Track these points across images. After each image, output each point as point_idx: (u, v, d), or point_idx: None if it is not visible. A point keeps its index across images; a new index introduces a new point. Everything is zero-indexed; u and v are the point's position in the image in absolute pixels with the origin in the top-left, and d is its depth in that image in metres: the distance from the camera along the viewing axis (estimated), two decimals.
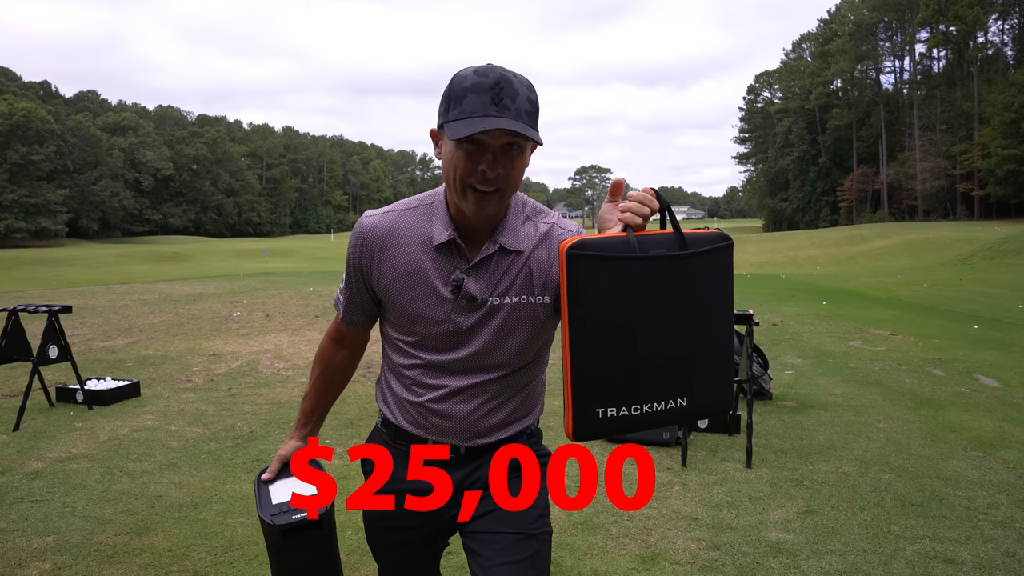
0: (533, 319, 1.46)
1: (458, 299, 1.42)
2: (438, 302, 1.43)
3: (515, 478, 1.55)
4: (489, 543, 1.48)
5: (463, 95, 1.29)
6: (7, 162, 64.91)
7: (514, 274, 1.44)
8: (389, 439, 1.57)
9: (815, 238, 48.30)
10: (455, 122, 1.28)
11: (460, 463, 1.52)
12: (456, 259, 1.42)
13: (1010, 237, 29.19)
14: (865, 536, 3.41)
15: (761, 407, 5.83)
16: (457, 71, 1.34)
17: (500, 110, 1.27)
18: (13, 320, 5.54)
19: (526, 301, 1.44)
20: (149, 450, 4.79)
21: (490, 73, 1.29)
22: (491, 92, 1.28)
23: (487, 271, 1.43)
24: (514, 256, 1.44)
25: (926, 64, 72.96)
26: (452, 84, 1.32)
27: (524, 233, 1.45)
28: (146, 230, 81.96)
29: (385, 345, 1.58)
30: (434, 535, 1.61)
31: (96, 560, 3.17)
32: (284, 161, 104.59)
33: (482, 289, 1.42)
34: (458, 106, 1.29)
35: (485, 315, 1.44)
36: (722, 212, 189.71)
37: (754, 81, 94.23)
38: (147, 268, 35.96)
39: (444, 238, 1.41)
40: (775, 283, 21.04)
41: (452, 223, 1.42)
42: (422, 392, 1.49)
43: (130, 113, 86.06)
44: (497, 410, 1.50)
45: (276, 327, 11.18)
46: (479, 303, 1.43)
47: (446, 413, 1.48)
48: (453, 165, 1.33)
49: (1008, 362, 7.84)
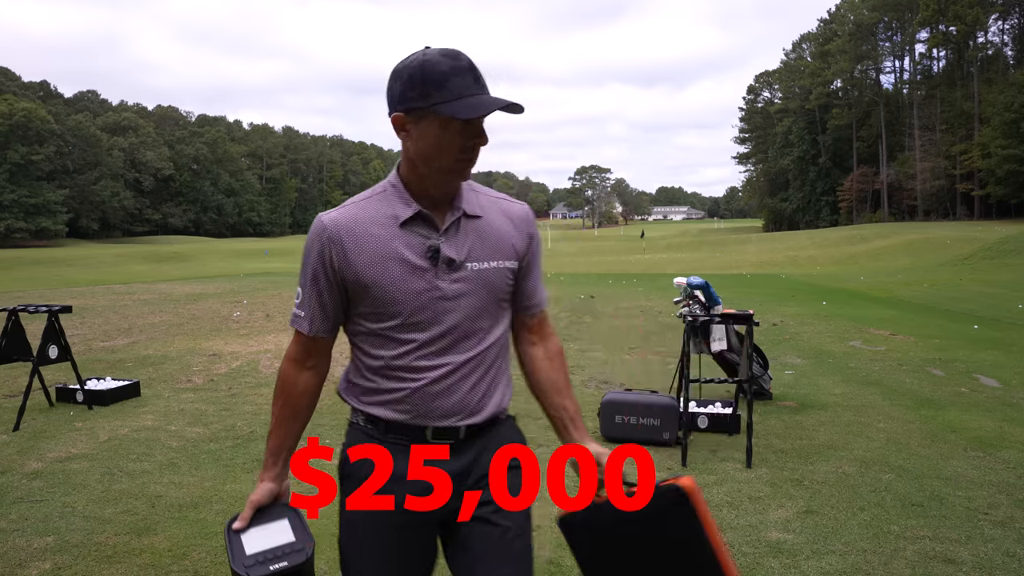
0: (503, 282, 1.53)
1: (438, 265, 1.45)
2: (419, 273, 1.45)
3: (515, 477, 1.56)
4: (490, 539, 1.48)
5: (443, 78, 1.36)
6: (7, 162, 64.90)
7: (479, 238, 1.51)
8: (380, 434, 1.52)
9: (815, 238, 48.30)
10: (450, 103, 1.35)
11: (460, 451, 1.51)
12: (426, 229, 1.46)
13: (1010, 237, 29.18)
14: (865, 536, 3.41)
15: (761, 407, 5.83)
16: (405, 61, 1.41)
17: (482, 88, 1.39)
18: (13, 320, 5.54)
19: (497, 265, 1.51)
20: (149, 450, 4.79)
21: (457, 56, 1.39)
22: (470, 73, 1.38)
23: (456, 235, 1.48)
24: (475, 221, 1.51)
25: (926, 64, 72.96)
26: (423, 69, 1.37)
27: (477, 202, 1.53)
28: (146, 230, 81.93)
29: (363, 344, 1.53)
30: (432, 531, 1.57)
31: (96, 560, 3.17)
32: (284, 161, 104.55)
33: (457, 251, 1.47)
34: (442, 88, 1.36)
35: (465, 279, 1.48)
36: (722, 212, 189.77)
37: (754, 81, 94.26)
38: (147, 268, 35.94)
39: (409, 213, 1.45)
40: (775, 283, 21.04)
41: (413, 200, 1.47)
42: (418, 377, 1.47)
43: (130, 113, 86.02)
44: (487, 384, 1.53)
45: (276, 327, 11.18)
46: (458, 265, 1.47)
47: (447, 390, 1.48)
48: (443, 144, 1.39)
49: (1008, 362, 7.84)
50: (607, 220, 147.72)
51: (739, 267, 31.82)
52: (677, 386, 5.32)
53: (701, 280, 5.92)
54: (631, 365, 7.89)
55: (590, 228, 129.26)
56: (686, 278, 6.09)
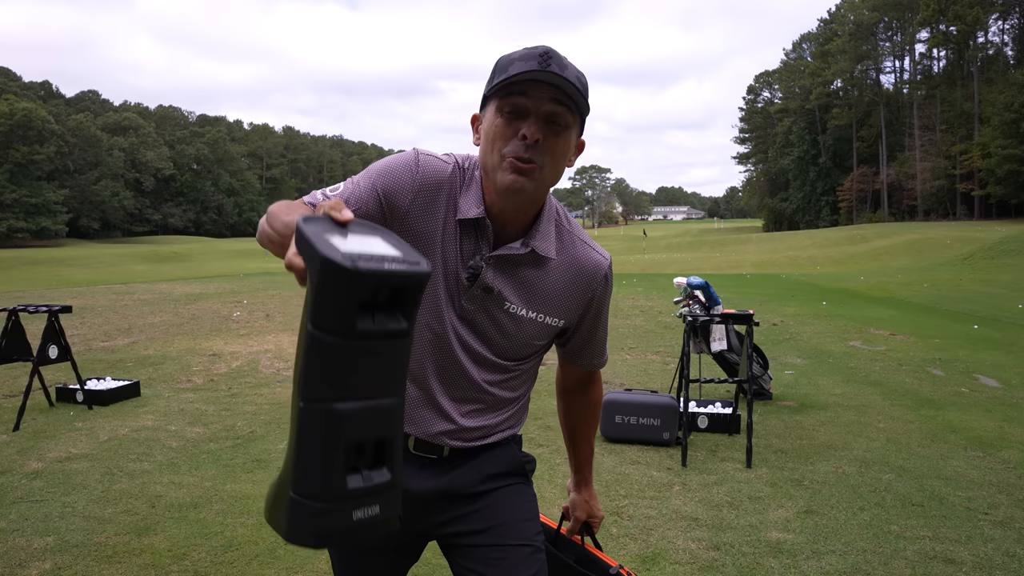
0: (540, 335, 1.38)
1: (473, 287, 1.29)
2: (451, 281, 1.30)
3: (508, 486, 1.45)
4: (496, 562, 1.37)
5: (509, 63, 1.22)
6: (7, 162, 64.91)
7: (535, 285, 1.33)
8: None
9: (815, 238, 48.30)
10: (500, 82, 1.20)
11: (441, 466, 1.40)
12: (479, 242, 1.29)
13: (1010, 237, 29.17)
14: (865, 536, 3.41)
15: (761, 407, 5.83)
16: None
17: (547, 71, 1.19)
18: (13, 320, 5.54)
19: (541, 320, 1.35)
20: (149, 450, 4.79)
21: (536, 46, 1.23)
22: (539, 58, 1.20)
23: (509, 271, 1.31)
24: (541, 264, 1.33)
25: (926, 64, 72.99)
26: (498, 61, 1.25)
27: (556, 241, 1.34)
28: (146, 230, 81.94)
29: None
30: (409, 543, 1.47)
31: (96, 560, 3.17)
32: (284, 161, 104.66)
33: (500, 286, 1.31)
34: (503, 73, 1.21)
35: (494, 312, 1.32)
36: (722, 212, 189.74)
37: (754, 81, 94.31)
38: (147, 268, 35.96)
39: (473, 214, 1.28)
40: (775, 283, 21.04)
41: (483, 203, 1.29)
42: (415, 380, 1.35)
43: (131, 113, 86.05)
44: (487, 415, 1.40)
45: (276, 327, 11.18)
46: (494, 297, 1.31)
47: (441, 409, 1.36)
48: (492, 133, 1.23)
49: (1008, 362, 7.84)
50: (607, 220, 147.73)
51: (739, 267, 31.82)
52: (677, 386, 5.32)
53: (701, 280, 5.92)
54: (631, 365, 7.89)
55: (590, 228, 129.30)
56: (686, 278, 6.09)
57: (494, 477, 1.43)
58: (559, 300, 1.35)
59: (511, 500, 1.44)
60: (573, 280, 1.36)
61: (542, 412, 5.57)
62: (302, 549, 3.20)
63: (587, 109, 1.25)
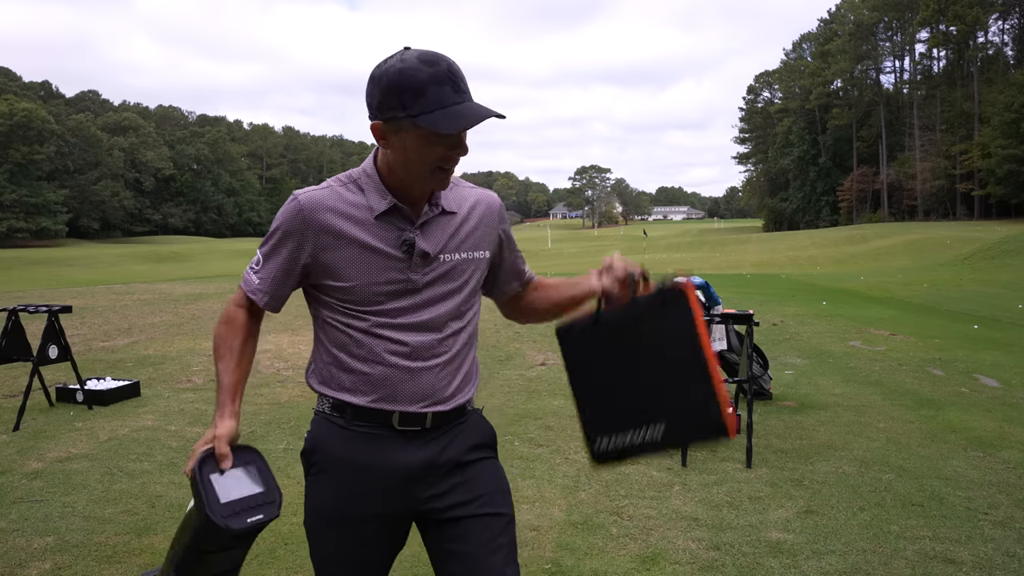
0: (476, 272, 1.57)
1: (413, 258, 1.47)
2: (392, 263, 1.46)
3: (487, 458, 1.59)
4: (479, 529, 1.50)
5: (422, 88, 1.33)
6: (8, 162, 64.90)
7: (454, 232, 1.53)
8: (345, 422, 1.51)
9: (815, 238, 48.31)
10: (430, 115, 1.33)
11: (426, 439, 1.51)
12: (401, 222, 1.48)
13: (1010, 237, 29.16)
14: (865, 536, 3.41)
15: (761, 407, 5.83)
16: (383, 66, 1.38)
17: (462, 96, 1.36)
18: (13, 320, 5.54)
19: (470, 256, 1.55)
20: (149, 450, 4.79)
21: (436, 62, 1.35)
22: (449, 81, 1.35)
23: (432, 231, 1.50)
24: (451, 217, 1.53)
25: (926, 64, 73.02)
26: (401, 77, 1.34)
27: (454, 196, 1.55)
28: (146, 230, 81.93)
29: (331, 327, 1.52)
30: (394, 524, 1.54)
31: (96, 560, 3.17)
32: (284, 161, 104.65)
33: (432, 245, 1.49)
34: (421, 98, 1.33)
35: (436, 270, 1.50)
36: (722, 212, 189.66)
37: (754, 81, 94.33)
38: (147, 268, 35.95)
39: (385, 206, 1.46)
40: (775, 283, 21.04)
41: (389, 193, 1.47)
42: (387, 361, 1.48)
43: (131, 113, 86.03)
44: (454, 373, 1.53)
45: (276, 327, 11.18)
46: (431, 258, 1.49)
47: (414, 376, 1.48)
48: (424, 153, 1.39)
49: (1008, 362, 7.84)
50: (607, 220, 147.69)
51: (739, 267, 31.82)
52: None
53: (701, 280, 5.91)
54: None
55: (590, 228, 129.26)
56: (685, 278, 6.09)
57: (476, 448, 1.57)
58: (478, 236, 1.57)
59: (494, 471, 1.58)
60: (481, 216, 1.58)
61: (542, 412, 5.57)
62: (302, 549, 3.20)
63: None
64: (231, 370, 1.52)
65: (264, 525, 1.33)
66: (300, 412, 5.73)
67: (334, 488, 1.52)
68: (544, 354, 8.38)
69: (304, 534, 1.59)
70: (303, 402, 6.09)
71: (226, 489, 1.34)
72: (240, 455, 1.41)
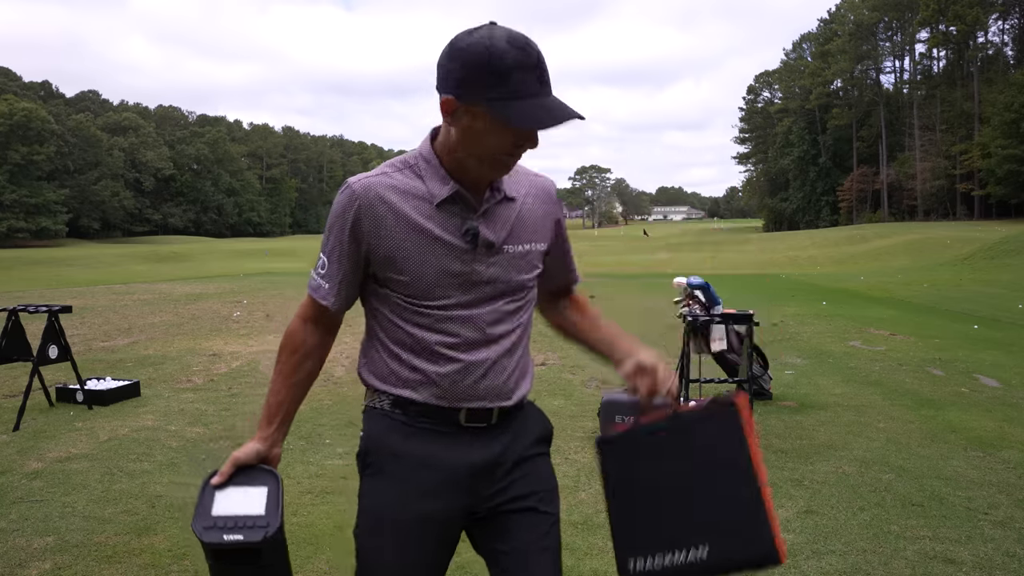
0: (535, 264, 1.51)
1: (477, 248, 1.40)
2: (457, 255, 1.39)
3: (544, 454, 1.56)
4: (527, 525, 1.47)
5: (507, 72, 1.24)
6: (7, 162, 64.88)
7: (514, 220, 1.46)
8: (408, 419, 1.43)
9: (815, 238, 48.31)
10: (509, 104, 1.25)
11: (491, 436, 1.46)
12: (463, 211, 1.40)
13: (1010, 237, 29.16)
14: (865, 536, 3.41)
15: (761, 407, 5.82)
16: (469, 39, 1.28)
17: (545, 89, 1.28)
18: (13, 320, 5.54)
19: (530, 248, 1.48)
20: (149, 450, 4.79)
21: (526, 47, 1.27)
22: (535, 71, 1.27)
23: (494, 219, 1.43)
24: (511, 203, 1.46)
25: (926, 64, 73.03)
26: (489, 57, 1.25)
27: (514, 182, 1.48)
28: (146, 230, 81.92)
29: (391, 321, 1.44)
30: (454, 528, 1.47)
31: (96, 560, 3.17)
32: (284, 161, 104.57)
33: (495, 235, 1.42)
34: (504, 84, 1.25)
35: (499, 261, 1.43)
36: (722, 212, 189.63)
37: (754, 81, 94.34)
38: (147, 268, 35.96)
39: (447, 192, 1.38)
40: (775, 283, 21.04)
41: (450, 178, 1.40)
42: (454, 357, 1.41)
43: (131, 113, 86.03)
44: (515, 367, 1.48)
45: (276, 327, 11.18)
46: (496, 249, 1.42)
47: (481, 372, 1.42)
48: (492, 141, 1.31)
49: (1008, 362, 7.84)
50: (607, 220, 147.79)
51: (739, 267, 31.82)
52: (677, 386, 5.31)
53: (701, 280, 5.92)
54: None
55: (590, 228, 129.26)
56: (686, 278, 6.09)
57: (537, 442, 1.54)
58: (541, 226, 1.50)
59: (547, 467, 1.56)
60: (542, 205, 1.51)
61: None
62: (302, 549, 3.19)
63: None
64: (278, 389, 1.48)
65: (242, 547, 1.29)
66: (300, 412, 5.69)
67: (396, 487, 1.42)
68: (544, 354, 8.37)
69: (304, 535, 1.58)
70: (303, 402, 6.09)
71: (225, 504, 1.34)
72: (256, 476, 1.40)
